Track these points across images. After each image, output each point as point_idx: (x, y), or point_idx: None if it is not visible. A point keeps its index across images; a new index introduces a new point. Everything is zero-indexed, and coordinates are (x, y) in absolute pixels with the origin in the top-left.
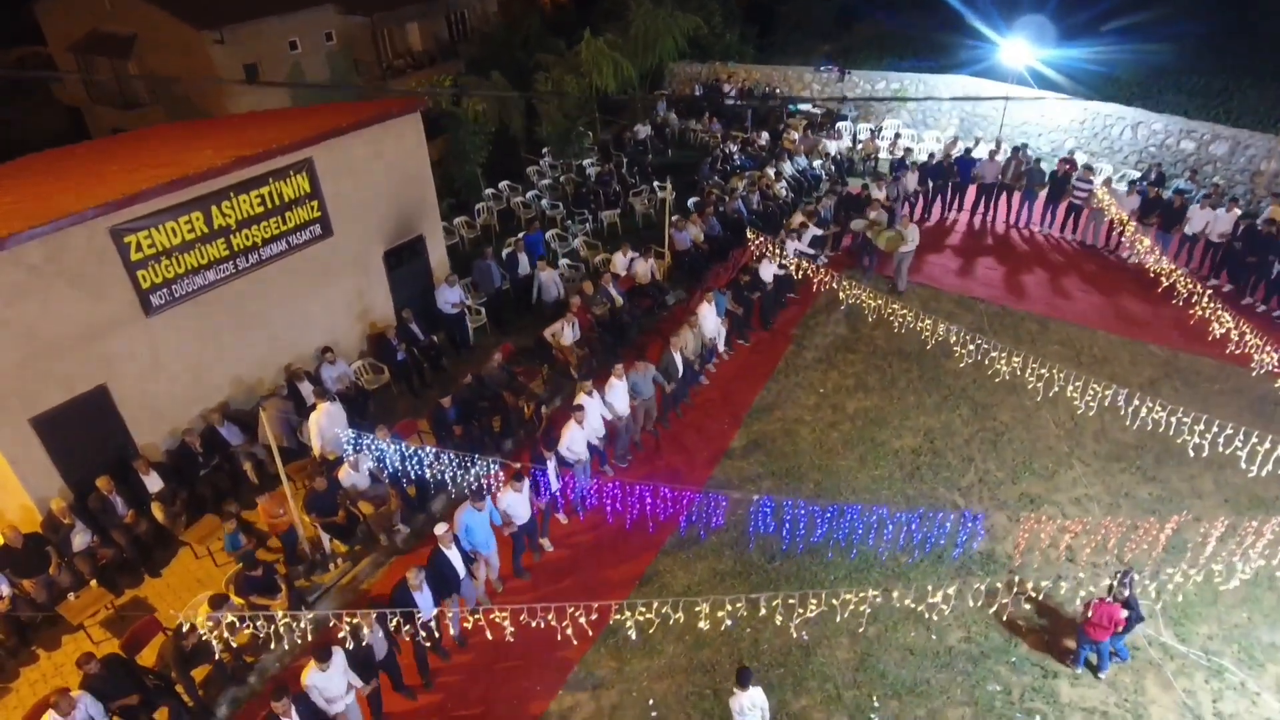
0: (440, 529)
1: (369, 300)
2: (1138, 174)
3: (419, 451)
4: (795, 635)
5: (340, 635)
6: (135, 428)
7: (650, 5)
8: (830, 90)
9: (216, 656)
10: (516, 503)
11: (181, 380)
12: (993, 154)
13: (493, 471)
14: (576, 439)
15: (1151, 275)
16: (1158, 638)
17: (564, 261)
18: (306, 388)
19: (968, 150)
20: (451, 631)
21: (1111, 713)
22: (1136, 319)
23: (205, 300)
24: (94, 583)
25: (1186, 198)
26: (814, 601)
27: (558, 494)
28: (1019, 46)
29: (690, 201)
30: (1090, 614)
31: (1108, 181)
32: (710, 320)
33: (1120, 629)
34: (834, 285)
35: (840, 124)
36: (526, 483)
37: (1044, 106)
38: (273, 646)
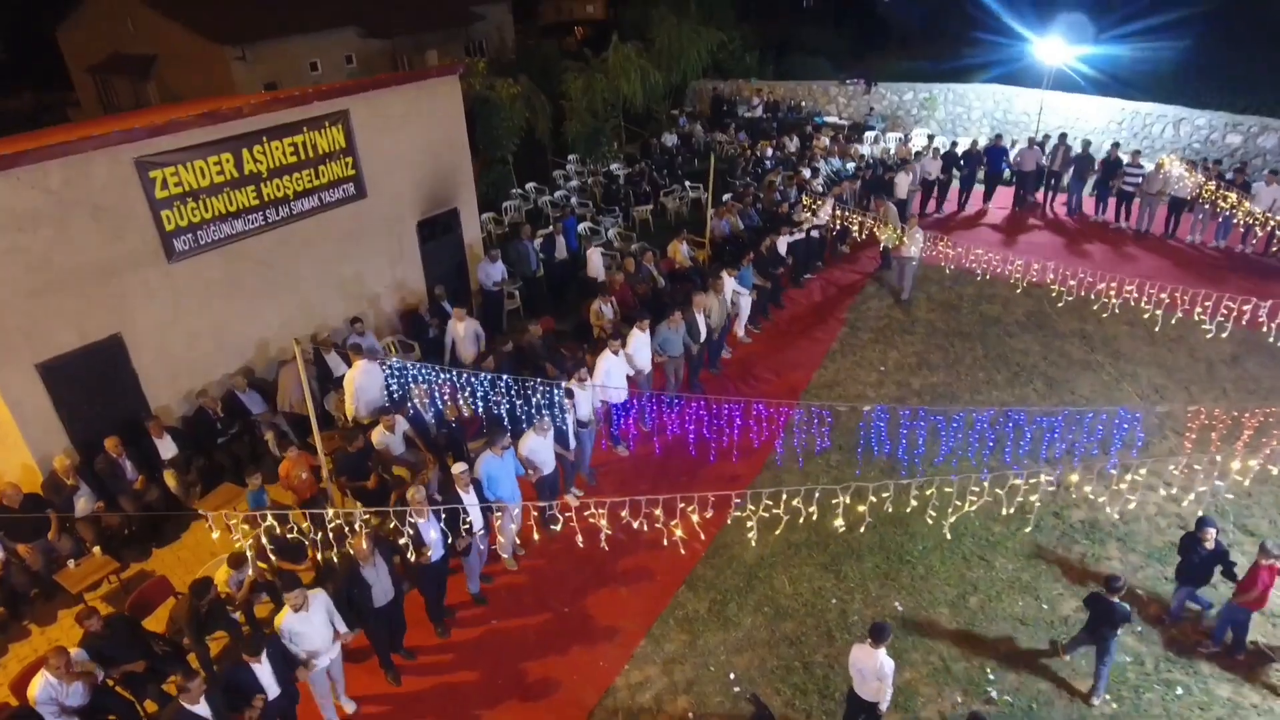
0: (459, 468)
1: (400, 272)
2: None
3: (473, 380)
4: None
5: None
6: (149, 386)
7: (674, 21)
8: (857, 103)
9: (234, 618)
10: (540, 448)
11: (202, 338)
12: (1032, 141)
13: (556, 397)
14: (581, 400)
15: (1219, 251)
16: None
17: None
18: (335, 360)
19: (999, 137)
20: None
21: None
22: (1209, 297)
23: (231, 252)
24: (97, 550)
25: (1246, 178)
26: (975, 490)
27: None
28: (1055, 45)
29: (725, 197)
30: (1259, 585)
31: (1159, 167)
32: (729, 286)
33: None
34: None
35: (868, 133)
36: (552, 430)
37: (1080, 109)
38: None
